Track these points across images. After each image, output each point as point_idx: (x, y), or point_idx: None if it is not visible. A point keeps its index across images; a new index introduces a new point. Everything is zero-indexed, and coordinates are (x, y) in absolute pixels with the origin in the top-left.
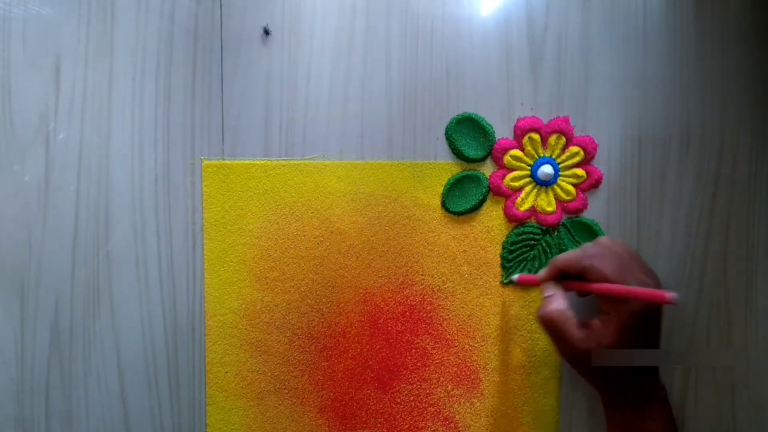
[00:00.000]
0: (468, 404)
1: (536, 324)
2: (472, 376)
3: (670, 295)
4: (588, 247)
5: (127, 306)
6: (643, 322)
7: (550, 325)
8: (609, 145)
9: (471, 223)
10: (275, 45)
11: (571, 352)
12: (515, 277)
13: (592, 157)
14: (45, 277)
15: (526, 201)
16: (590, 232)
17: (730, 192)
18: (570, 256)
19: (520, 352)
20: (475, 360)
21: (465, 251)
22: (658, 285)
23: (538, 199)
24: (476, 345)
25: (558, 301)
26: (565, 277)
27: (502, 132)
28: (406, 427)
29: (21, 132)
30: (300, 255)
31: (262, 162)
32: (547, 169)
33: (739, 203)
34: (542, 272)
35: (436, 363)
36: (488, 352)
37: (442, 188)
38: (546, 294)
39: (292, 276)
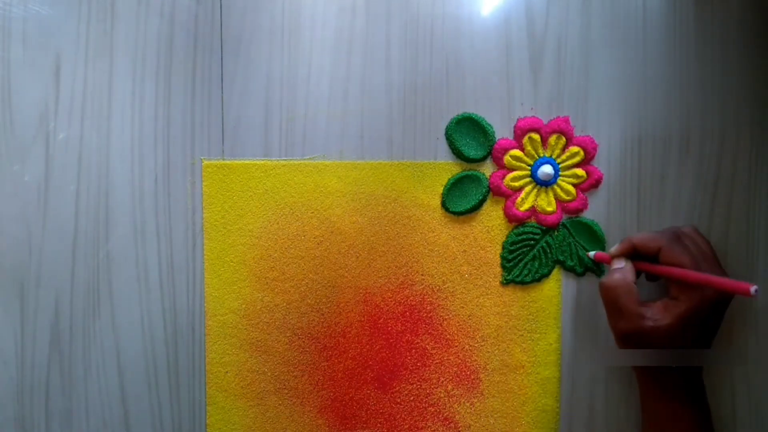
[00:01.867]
0: (468, 404)
1: (536, 324)
2: (472, 376)
3: (753, 287)
4: (670, 229)
5: (127, 306)
6: (710, 312)
7: (611, 293)
8: (609, 145)
9: (471, 223)
10: (275, 45)
11: (623, 326)
12: (591, 253)
13: (592, 157)
14: (45, 277)
15: (526, 201)
16: (590, 232)
17: (730, 192)
18: (647, 234)
19: (520, 352)
20: (475, 360)
21: (465, 251)
22: None
23: (538, 199)
24: (476, 345)
25: (625, 273)
26: (637, 258)
27: (502, 132)
28: (406, 427)
29: (21, 132)
30: (300, 255)
31: (262, 162)
32: (547, 169)
33: (739, 203)
34: (615, 248)
35: (436, 363)
36: (488, 352)
37: (442, 188)
38: (615, 266)
39: (292, 276)
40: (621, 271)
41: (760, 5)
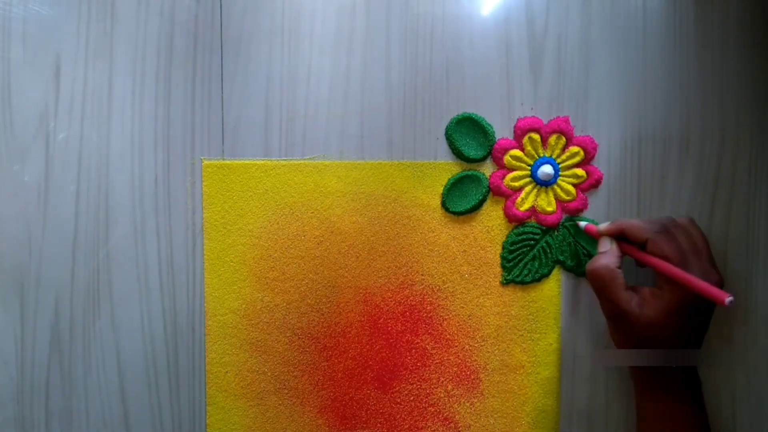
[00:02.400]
0: (468, 404)
1: (536, 324)
2: (472, 376)
3: (728, 298)
4: (661, 220)
5: (127, 306)
6: (695, 309)
7: (597, 280)
8: (609, 145)
9: (471, 223)
10: (275, 45)
11: (614, 310)
12: (582, 223)
13: (592, 157)
14: (45, 277)
15: (526, 201)
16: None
17: (730, 192)
18: (638, 222)
19: (520, 352)
20: (475, 360)
21: (465, 251)
22: (720, 282)
23: (538, 199)
24: (476, 345)
25: (609, 258)
26: (626, 241)
27: (502, 132)
28: (406, 427)
29: (21, 132)
30: (300, 255)
31: (262, 162)
32: (547, 169)
33: (739, 203)
34: (603, 225)
35: (436, 363)
36: (488, 352)
37: (442, 188)
38: (600, 249)
39: (292, 276)
40: (606, 256)
41: (760, 5)
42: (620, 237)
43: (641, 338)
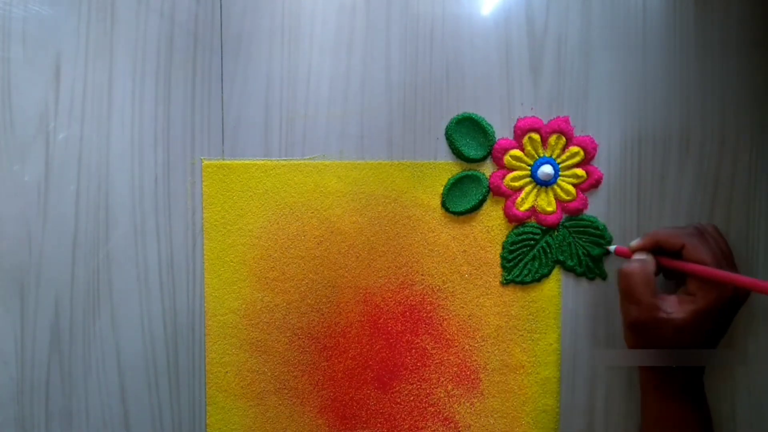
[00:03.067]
0: (468, 404)
1: (536, 324)
2: (472, 376)
3: None
4: (693, 225)
5: (127, 306)
6: (724, 311)
7: (628, 280)
8: (609, 145)
9: (471, 223)
10: (275, 45)
11: (639, 316)
12: (612, 248)
13: (592, 157)
14: (45, 277)
15: (526, 201)
16: (590, 233)
17: (730, 192)
18: (671, 230)
19: (520, 352)
20: (475, 360)
21: (465, 251)
22: None
23: (538, 199)
24: (476, 345)
25: (645, 263)
26: (660, 254)
27: (502, 132)
28: (406, 427)
29: (21, 132)
30: (300, 255)
31: (262, 162)
32: (547, 169)
33: (739, 203)
34: (636, 241)
35: (436, 363)
36: (488, 352)
37: (442, 188)
38: (636, 257)
39: (292, 276)
40: (641, 261)
41: (760, 5)
42: (654, 250)
43: (665, 343)
